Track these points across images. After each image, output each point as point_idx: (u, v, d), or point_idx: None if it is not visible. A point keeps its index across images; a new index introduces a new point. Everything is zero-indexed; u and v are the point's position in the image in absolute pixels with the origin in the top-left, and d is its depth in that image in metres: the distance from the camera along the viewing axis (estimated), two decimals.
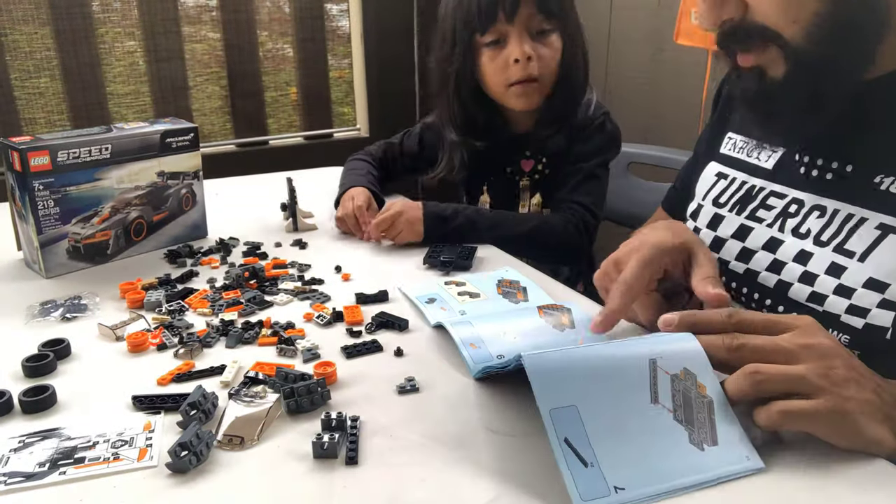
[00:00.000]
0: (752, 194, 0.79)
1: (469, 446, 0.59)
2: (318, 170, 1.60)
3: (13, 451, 0.58)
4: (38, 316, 0.84)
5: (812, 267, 0.70)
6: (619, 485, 0.50)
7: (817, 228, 0.70)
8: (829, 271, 0.68)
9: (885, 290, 0.64)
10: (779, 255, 0.73)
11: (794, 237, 0.72)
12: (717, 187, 0.84)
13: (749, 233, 0.77)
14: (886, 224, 0.65)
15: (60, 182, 0.95)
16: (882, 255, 0.64)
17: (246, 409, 0.64)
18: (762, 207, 0.77)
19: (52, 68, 1.91)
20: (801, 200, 0.73)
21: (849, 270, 0.66)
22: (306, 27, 2.22)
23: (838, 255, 0.68)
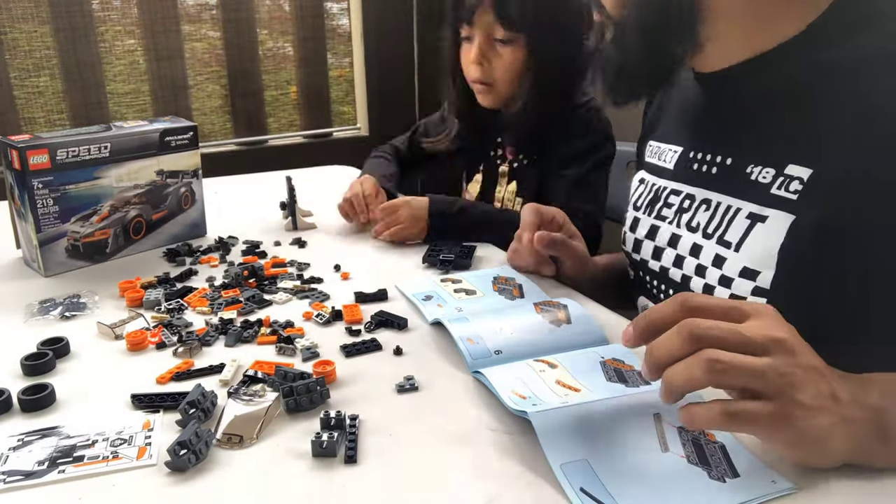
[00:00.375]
0: (657, 194, 0.82)
1: (469, 445, 0.59)
2: (318, 169, 1.60)
3: (12, 450, 0.58)
4: (37, 314, 0.84)
5: (703, 259, 0.72)
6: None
7: (705, 221, 0.73)
8: (714, 262, 0.71)
9: (755, 278, 0.66)
10: (679, 250, 0.76)
11: (689, 231, 0.75)
12: (636, 192, 0.88)
13: (657, 231, 0.81)
14: (754, 213, 0.67)
15: (60, 181, 0.95)
16: (753, 244, 0.67)
17: (245, 407, 0.63)
18: (665, 206, 0.80)
19: (52, 67, 1.90)
20: (692, 195, 0.76)
21: (728, 261, 0.69)
22: (306, 26, 2.22)
23: (720, 246, 0.70)
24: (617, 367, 0.67)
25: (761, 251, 0.66)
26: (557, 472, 0.53)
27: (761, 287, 0.66)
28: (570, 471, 0.53)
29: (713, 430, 0.54)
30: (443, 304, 0.85)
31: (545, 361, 0.69)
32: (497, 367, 0.68)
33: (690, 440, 0.56)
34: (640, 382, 0.64)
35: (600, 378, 0.65)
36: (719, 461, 0.54)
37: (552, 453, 0.54)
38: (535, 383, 0.64)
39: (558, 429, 0.56)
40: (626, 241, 0.87)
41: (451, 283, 0.92)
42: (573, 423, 0.57)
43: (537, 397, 0.61)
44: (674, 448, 0.55)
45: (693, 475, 0.53)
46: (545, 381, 0.65)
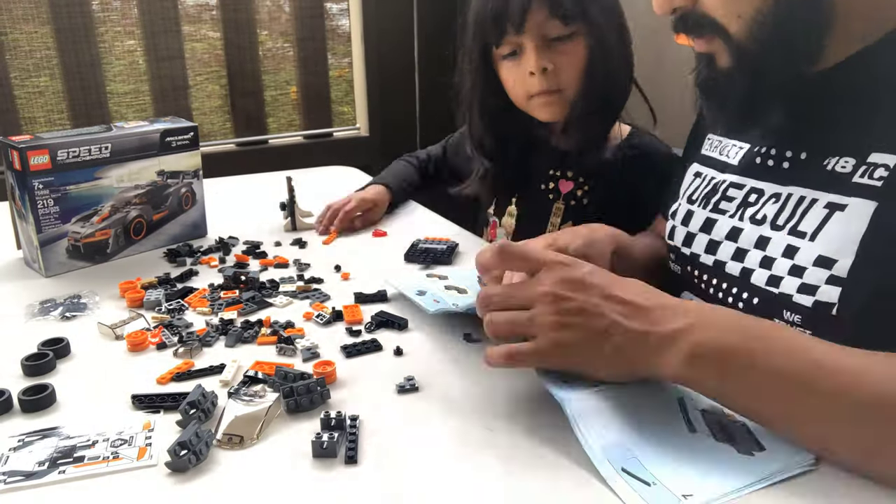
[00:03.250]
0: (716, 188, 0.81)
1: (469, 445, 0.59)
2: (318, 169, 1.60)
3: (13, 450, 0.58)
4: (38, 315, 0.84)
5: (770, 251, 0.72)
6: (686, 493, 0.51)
7: (773, 213, 0.72)
8: (785, 253, 0.70)
9: (832, 267, 0.65)
10: (740, 244, 0.76)
11: (753, 224, 0.75)
12: (692, 186, 0.87)
13: (713, 225, 0.80)
14: (833, 202, 0.67)
15: (60, 181, 0.95)
16: (830, 233, 0.66)
17: (245, 408, 0.64)
18: (724, 199, 0.79)
19: (52, 67, 1.90)
20: (760, 189, 0.75)
21: (801, 250, 0.68)
22: (306, 26, 2.22)
23: (792, 236, 0.69)
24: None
25: (840, 239, 0.65)
26: (599, 454, 0.54)
27: (837, 276, 0.65)
28: (610, 453, 0.54)
29: (502, 367, 0.62)
30: (439, 301, 0.84)
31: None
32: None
33: (715, 422, 0.59)
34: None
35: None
36: (744, 437, 0.57)
37: (591, 438, 0.55)
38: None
39: (592, 416, 0.58)
40: (674, 235, 0.85)
41: (438, 279, 0.91)
42: (604, 410, 0.59)
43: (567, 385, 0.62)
44: (700, 428, 0.58)
45: (722, 451, 0.55)
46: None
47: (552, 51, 1.05)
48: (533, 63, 1.03)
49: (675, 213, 0.87)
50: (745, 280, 0.74)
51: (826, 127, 0.70)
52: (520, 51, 1.05)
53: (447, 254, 1.02)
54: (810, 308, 0.67)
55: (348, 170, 1.60)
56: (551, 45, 1.04)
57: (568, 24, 1.03)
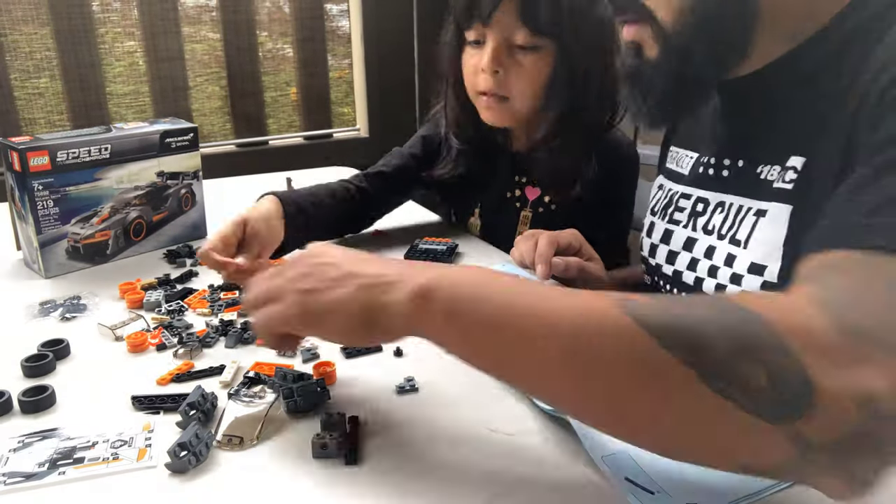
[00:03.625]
0: (672, 199, 0.82)
1: (469, 446, 0.59)
2: (318, 170, 1.60)
3: (12, 451, 0.58)
4: (38, 316, 0.84)
5: (716, 260, 0.73)
6: (690, 501, 0.51)
7: (719, 223, 0.73)
8: (726, 262, 0.71)
9: (763, 272, 0.66)
10: (694, 253, 0.77)
11: (705, 234, 0.76)
12: (655, 198, 0.88)
13: (671, 235, 0.81)
14: (760, 209, 0.68)
15: (60, 182, 0.95)
16: (758, 239, 0.67)
17: (245, 409, 0.64)
18: (677, 210, 0.81)
19: (52, 68, 1.90)
20: (706, 199, 0.76)
21: (738, 258, 0.69)
22: (306, 27, 2.22)
23: (731, 245, 0.71)
24: None
25: (766, 245, 0.66)
26: (600, 463, 0.54)
27: (769, 281, 0.66)
28: (612, 462, 0.54)
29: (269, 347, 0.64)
30: None
31: None
32: None
33: None
34: None
35: None
36: None
37: (592, 447, 0.55)
38: None
39: None
40: (642, 246, 0.88)
41: None
42: None
43: None
44: None
45: None
46: None
47: (512, 57, 0.98)
48: (486, 61, 0.98)
49: (643, 224, 0.89)
50: (699, 289, 0.75)
51: (758, 134, 0.71)
52: (483, 41, 0.99)
53: (447, 254, 1.02)
54: None
55: (348, 171, 1.60)
56: (513, 51, 0.98)
57: (535, 36, 0.96)
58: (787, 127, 0.68)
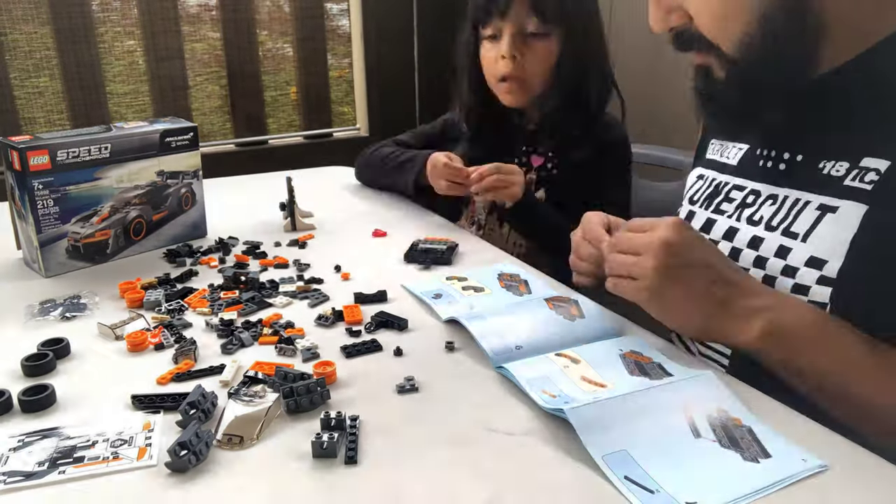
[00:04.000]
0: (718, 189, 0.83)
1: (469, 446, 0.59)
2: (318, 169, 1.60)
3: (13, 451, 0.58)
4: (38, 315, 0.84)
5: (763, 251, 0.73)
6: (689, 500, 0.51)
7: (769, 215, 0.74)
8: (777, 253, 0.71)
9: (822, 267, 0.67)
10: (735, 243, 0.77)
11: (749, 225, 0.76)
12: (694, 188, 0.88)
13: (713, 225, 0.81)
14: (825, 204, 0.68)
15: (60, 181, 0.95)
16: (821, 234, 0.68)
17: (245, 408, 0.63)
18: (725, 200, 0.81)
19: (52, 68, 1.90)
20: (757, 191, 0.77)
21: (793, 251, 0.70)
22: (306, 26, 2.22)
23: (785, 237, 0.71)
24: (637, 360, 0.69)
25: (830, 241, 0.67)
26: (600, 463, 0.54)
27: (827, 276, 0.66)
28: (612, 461, 0.55)
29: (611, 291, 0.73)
30: (453, 302, 0.85)
31: (566, 356, 0.70)
32: (520, 362, 0.69)
33: (720, 426, 0.59)
34: (662, 375, 0.67)
35: (623, 372, 0.68)
36: (750, 443, 0.57)
37: (593, 446, 0.56)
38: (563, 381, 0.66)
39: (594, 422, 0.58)
40: None
41: (458, 280, 0.92)
42: (606, 417, 0.59)
43: (567, 395, 0.63)
44: (705, 434, 0.58)
45: (728, 458, 0.56)
46: (571, 377, 0.66)
47: (526, 44, 1.18)
48: (506, 48, 1.17)
49: (678, 214, 0.88)
50: None
51: (821, 130, 0.71)
52: (499, 35, 1.18)
53: (447, 254, 1.02)
54: None
55: (348, 170, 1.60)
56: (527, 39, 1.17)
57: (545, 24, 1.16)
58: (857, 126, 0.68)
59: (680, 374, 0.66)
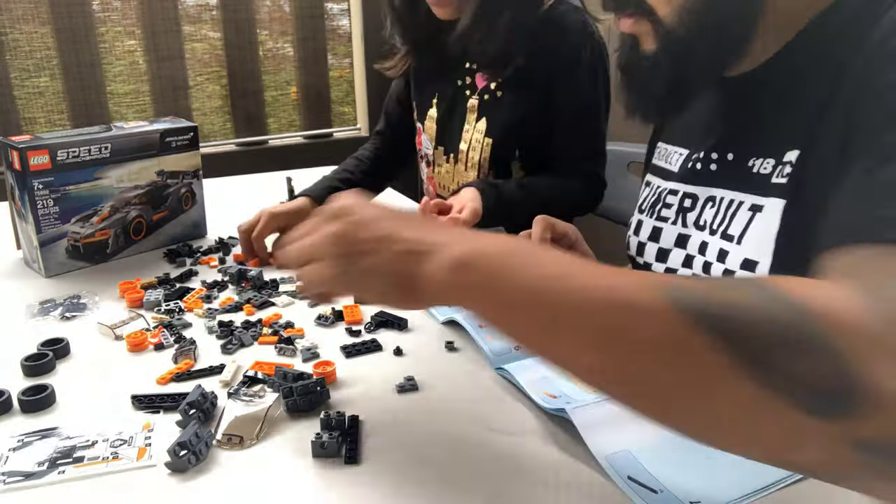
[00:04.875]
0: (660, 196, 0.82)
1: (469, 445, 0.59)
2: (318, 169, 1.59)
3: (12, 451, 0.58)
4: (38, 315, 0.84)
5: (709, 256, 0.72)
6: (693, 500, 0.51)
7: (710, 218, 0.73)
8: (719, 257, 0.70)
9: (755, 269, 0.66)
10: (689, 250, 0.76)
11: (697, 230, 0.75)
12: (642, 196, 0.87)
13: (660, 233, 0.80)
14: (755, 203, 0.67)
15: (60, 181, 0.95)
16: (753, 235, 0.66)
17: (245, 408, 0.63)
18: (664, 207, 0.80)
19: (52, 67, 1.90)
20: (694, 194, 0.75)
21: (730, 254, 0.69)
22: (306, 26, 2.22)
23: (724, 240, 0.70)
24: None
25: (759, 240, 0.66)
26: (604, 463, 0.54)
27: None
28: (615, 461, 0.54)
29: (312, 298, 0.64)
30: None
31: None
32: (519, 363, 0.69)
33: None
34: None
35: None
36: None
37: (596, 447, 0.56)
38: (563, 382, 0.66)
39: (597, 423, 0.58)
40: (629, 245, 0.87)
41: None
42: (609, 417, 0.59)
43: (568, 396, 0.63)
44: None
45: (732, 457, 0.54)
46: (570, 378, 0.66)
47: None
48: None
49: (630, 223, 0.88)
50: None
51: (749, 127, 0.70)
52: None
53: None
54: None
55: None
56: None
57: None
58: (781, 121, 0.67)
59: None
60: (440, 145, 1.21)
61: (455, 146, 1.18)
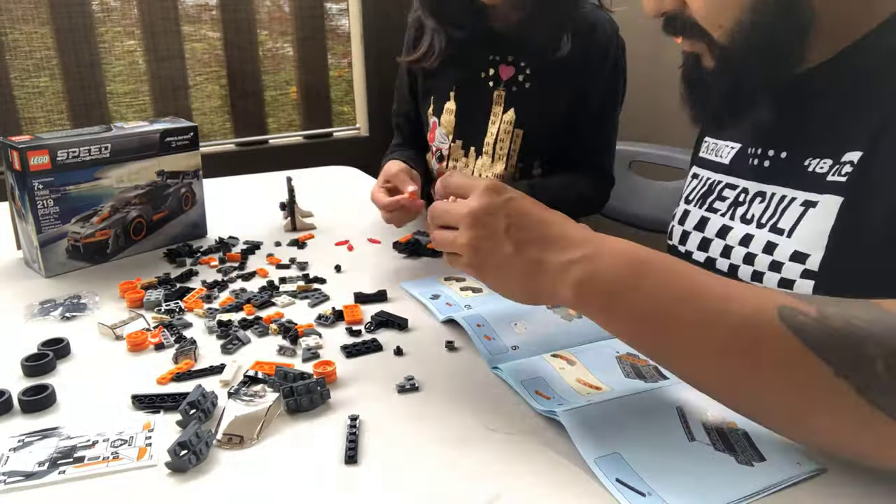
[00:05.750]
0: (712, 188, 0.83)
1: (469, 446, 0.59)
2: (318, 169, 1.60)
3: (13, 451, 0.58)
4: (38, 315, 0.84)
5: (753, 248, 0.74)
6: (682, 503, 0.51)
7: (759, 212, 0.74)
8: (765, 249, 0.72)
9: (805, 261, 0.67)
10: (728, 241, 0.78)
11: (741, 223, 0.77)
12: (690, 187, 0.89)
13: (706, 223, 0.82)
14: (809, 200, 0.69)
15: (60, 181, 0.95)
16: (805, 229, 0.68)
17: (245, 408, 0.63)
18: (718, 199, 0.82)
19: (52, 67, 1.90)
20: (746, 189, 0.78)
21: (779, 247, 0.70)
22: (306, 26, 2.22)
23: (772, 233, 0.72)
24: (633, 363, 0.69)
25: (812, 234, 0.67)
26: (592, 466, 0.54)
27: (810, 269, 0.67)
28: (604, 464, 0.54)
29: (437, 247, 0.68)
30: (452, 303, 0.85)
31: (563, 357, 0.70)
32: (515, 363, 0.69)
33: (714, 429, 0.58)
34: (658, 378, 0.66)
35: (618, 374, 0.67)
36: (745, 447, 0.56)
37: (585, 449, 0.55)
38: (558, 382, 0.66)
39: (587, 425, 0.58)
40: (672, 234, 0.88)
41: (456, 281, 0.92)
42: (600, 419, 0.59)
43: (561, 397, 0.63)
44: (699, 437, 0.58)
45: (722, 461, 0.55)
46: (566, 379, 0.66)
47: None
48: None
49: (674, 213, 0.89)
50: (733, 276, 0.75)
51: (806, 128, 0.72)
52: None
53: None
54: None
55: (348, 170, 1.60)
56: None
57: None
58: (839, 123, 0.68)
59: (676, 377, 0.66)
60: (458, 139, 1.20)
61: (477, 139, 1.18)
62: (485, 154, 1.19)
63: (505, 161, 1.17)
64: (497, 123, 1.16)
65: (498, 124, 1.16)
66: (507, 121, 1.14)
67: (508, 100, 1.14)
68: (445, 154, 1.23)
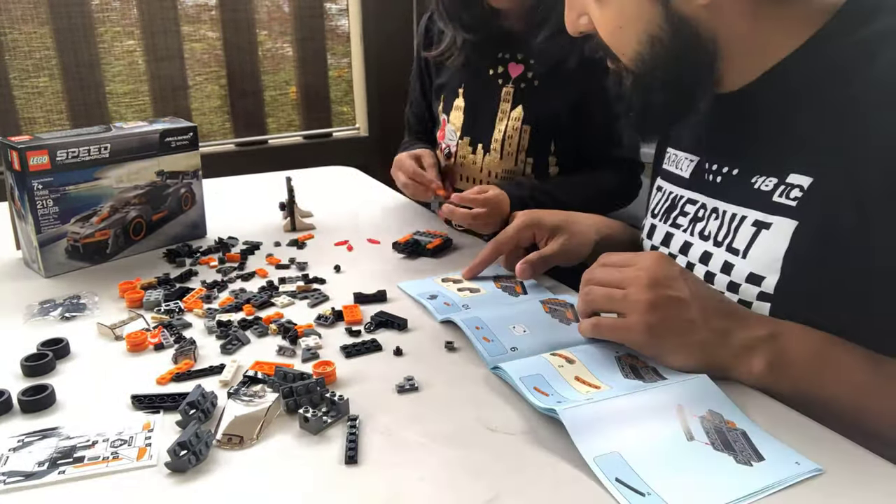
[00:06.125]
0: (675, 203, 0.84)
1: (469, 446, 0.59)
2: (318, 169, 1.60)
3: (12, 451, 0.58)
4: (37, 315, 0.84)
5: (712, 266, 0.74)
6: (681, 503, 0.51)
7: (715, 229, 0.75)
8: (723, 269, 0.73)
9: (760, 283, 0.68)
10: (690, 258, 0.78)
11: (701, 239, 0.77)
12: (654, 199, 0.89)
13: (671, 239, 0.82)
14: (759, 220, 0.69)
15: (59, 181, 0.95)
16: (759, 249, 0.69)
17: (245, 408, 0.63)
18: (681, 214, 0.82)
19: (51, 67, 1.90)
20: (705, 205, 0.78)
21: (735, 267, 0.71)
22: (305, 26, 2.22)
23: (729, 253, 0.72)
24: (632, 364, 0.69)
25: (766, 256, 0.68)
26: (592, 465, 0.54)
27: (766, 292, 0.68)
28: (603, 463, 0.54)
29: (590, 336, 0.71)
30: (450, 303, 0.85)
31: (562, 356, 0.70)
32: (515, 362, 0.69)
33: (712, 428, 0.59)
34: (656, 378, 0.66)
35: (617, 374, 0.67)
36: (743, 446, 0.57)
37: (584, 448, 0.55)
38: (557, 380, 0.66)
39: (587, 424, 0.58)
40: (643, 248, 0.89)
41: (453, 282, 0.92)
42: (600, 418, 0.59)
43: (560, 395, 0.63)
44: (698, 436, 0.58)
45: (720, 460, 0.55)
46: (565, 377, 0.66)
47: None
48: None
49: (643, 225, 0.90)
50: None
51: (748, 146, 0.73)
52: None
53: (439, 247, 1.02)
54: None
55: (348, 170, 1.60)
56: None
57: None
58: (784, 142, 0.69)
59: (674, 377, 0.66)
60: (466, 135, 1.21)
61: (485, 136, 1.19)
62: (493, 151, 1.19)
63: (514, 158, 1.18)
64: (505, 120, 1.17)
65: (506, 121, 1.17)
66: (515, 117, 1.15)
67: (517, 96, 1.15)
68: (454, 151, 1.24)
